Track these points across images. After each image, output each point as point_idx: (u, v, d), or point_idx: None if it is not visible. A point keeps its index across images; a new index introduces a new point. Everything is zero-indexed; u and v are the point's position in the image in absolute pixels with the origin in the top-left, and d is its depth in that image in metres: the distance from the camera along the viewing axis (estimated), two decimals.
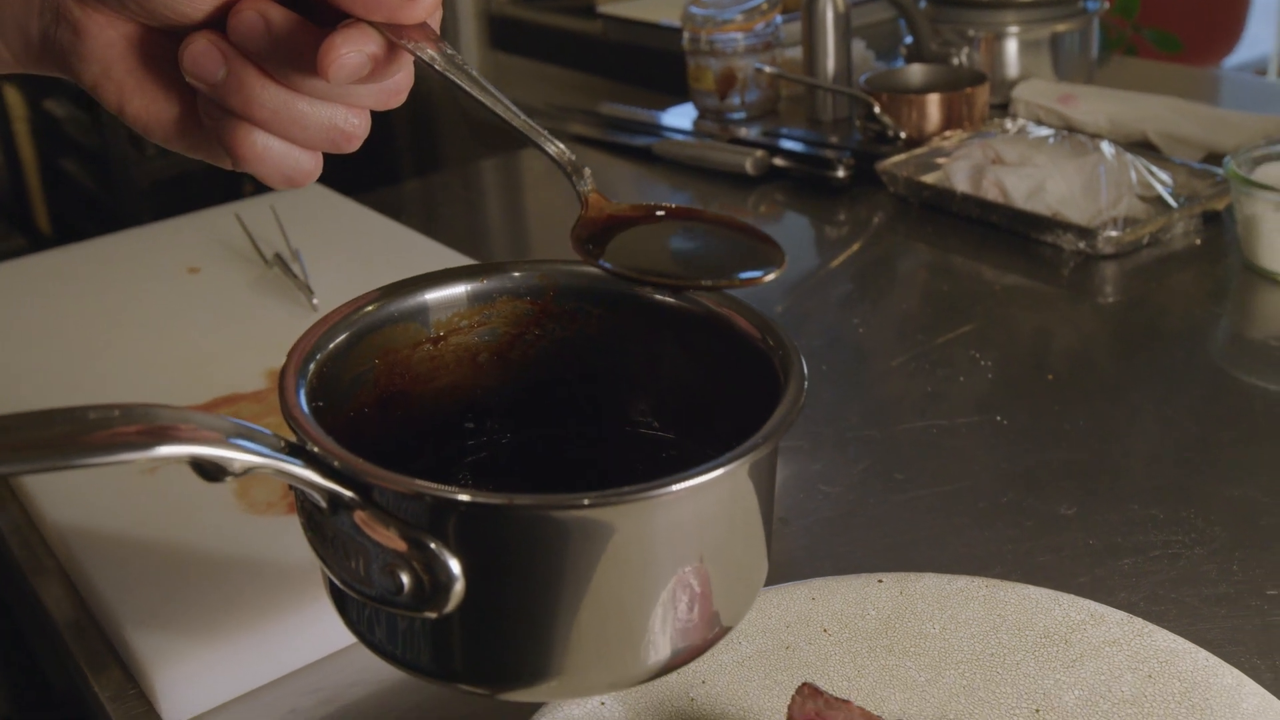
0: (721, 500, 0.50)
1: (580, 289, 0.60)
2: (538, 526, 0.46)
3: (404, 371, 0.59)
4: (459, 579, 0.46)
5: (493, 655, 0.49)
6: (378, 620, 0.50)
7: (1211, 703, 0.59)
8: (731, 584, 0.52)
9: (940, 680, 0.63)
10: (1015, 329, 1.03)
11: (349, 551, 0.48)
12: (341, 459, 0.47)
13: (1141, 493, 0.80)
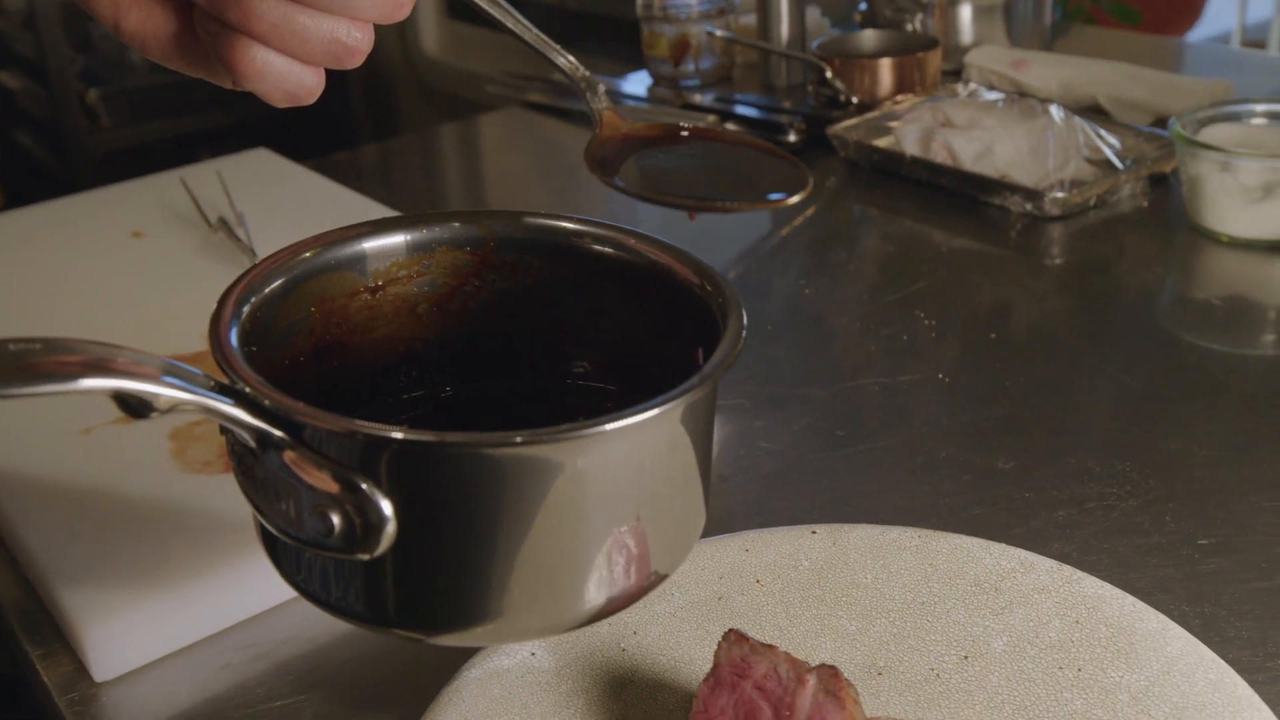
0: (657, 442, 0.49)
1: (521, 240, 0.60)
2: (470, 466, 0.46)
3: (341, 321, 0.58)
4: (390, 520, 0.46)
5: (425, 599, 0.49)
6: (309, 565, 0.50)
7: (1137, 647, 0.59)
8: (668, 530, 0.52)
9: (871, 629, 0.63)
10: (961, 290, 1.03)
11: (279, 493, 0.48)
12: (271, 398, 0.46)
13: (1079, 447, 0.80)
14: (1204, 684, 0.57)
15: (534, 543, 0.47)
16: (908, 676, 0.61)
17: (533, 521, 0.47)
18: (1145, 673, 0.58)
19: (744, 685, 0.55)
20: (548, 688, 0.60)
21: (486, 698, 0.59)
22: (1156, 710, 0.56)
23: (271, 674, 0.67)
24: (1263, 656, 0.62)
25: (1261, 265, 1.03)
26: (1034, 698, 0.59)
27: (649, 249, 0.57)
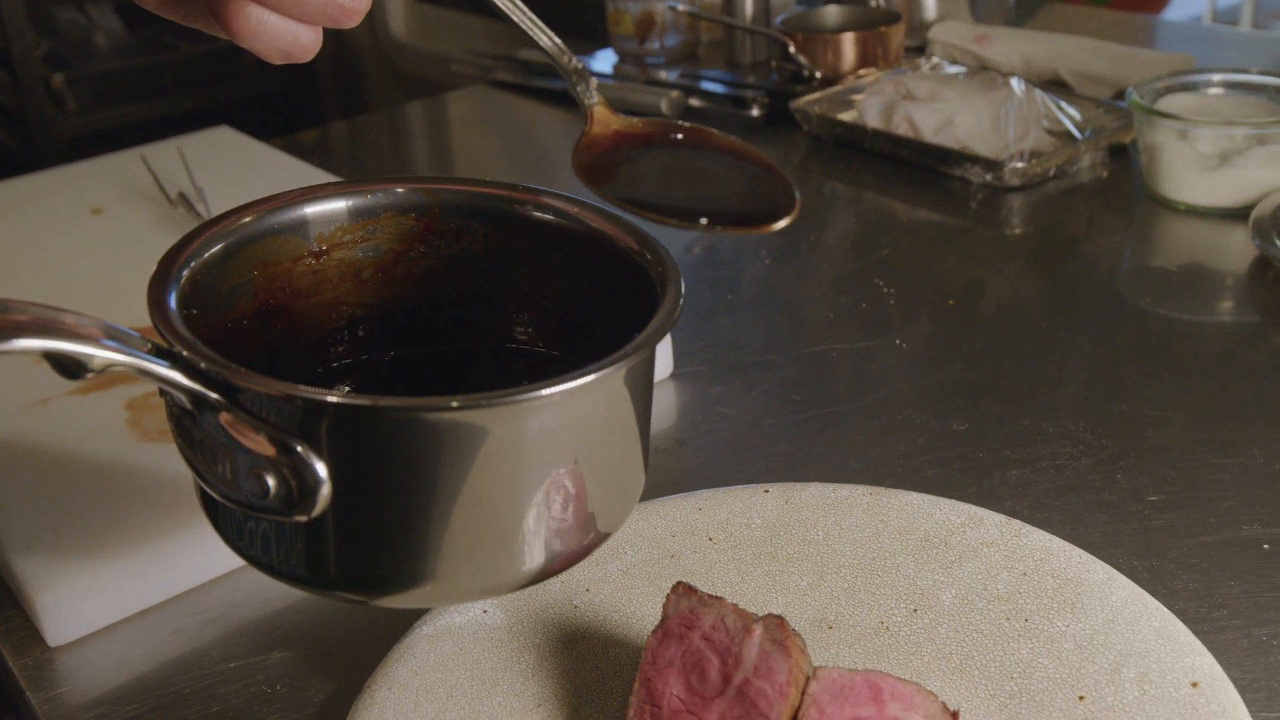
0: (594, 407, 0.49)
1: (465, 206, 0.60)
2: (406, 430, 0.46)
3: (285, 285, 0.58)
4: (325, 482, 0.46)
5: (366, 561, 0.49)
6: (251, 530, 0.50)
7: (1083, 597, 0.60)
8: (607, 492, 0.52)
9: (822, 584, 0.64)
10: (920, 259, 1.04)
11: (216, 455, 0.48)
12: (208, 360, 0.46)
13: (1033, 409, 0.81)
14: (1148, 631, 0.57)
15: (472, 506, 0.47)
16: (857, 630, 0.61)
17: (471, 485, 0.47)
18: (1090, 621, 0.58)
19: (692, 636, 0.55)
20: (500, 644, 0.60)
21: (438, 653, 0.59)
22: (1100, 657, 0.57)
23: (224, 638, 0.66)
24: (1208, 607, 0.63)
25: (1217, 233, 1.03)
26: (981, 648, 0.59)
27: (591, 217, 0.57)
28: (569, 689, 0.59)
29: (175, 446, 0.74)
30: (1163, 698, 0.54)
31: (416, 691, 0.57)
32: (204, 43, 2.52)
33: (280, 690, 0.63)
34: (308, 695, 0.62)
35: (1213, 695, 0.53)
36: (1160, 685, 0.54)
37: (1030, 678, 0.57)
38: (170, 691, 0.63)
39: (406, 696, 0.57)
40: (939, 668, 0.59)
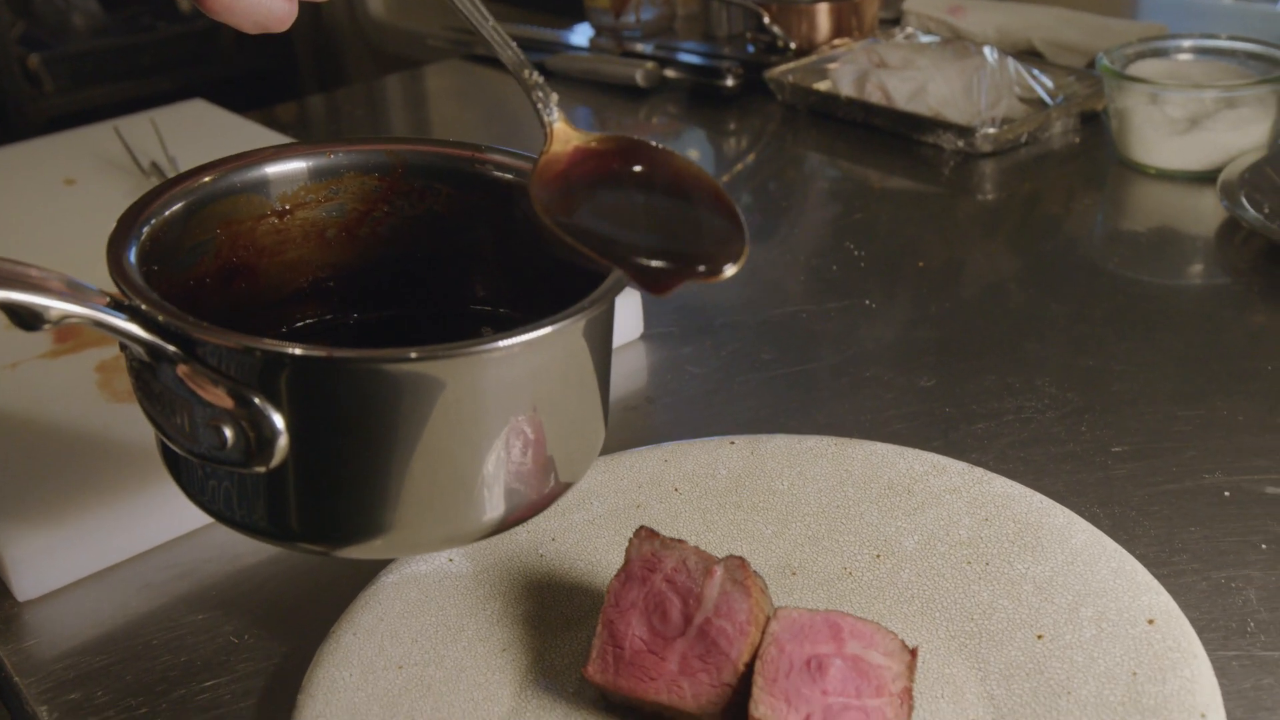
0: (552, 360, 0.50)
1: (429, 167, 0.60)
2: (362, 381, 0.46)
3: (248, 244, 0.58)
4: (283, 434, 0.46)
5: (326, 513, 0.49)
6: (214, 485, 0.50)
7: (1043, 540, 0.60)
8: (567, 443, 0.52)
9: (786, 532, 0.64)
10: (892, 224, 1.04)
11: (174, 408, 0.48)
12: (165, 313, 0.47)
13: (1000, 365, 0.81)
14: (1106, 572, 0.58)
15: (431, 457, 0.48)
16: (821, 575, 0.62)
17: (429, 437, 0.47)
18: (1050, 564, 0.59)
19: (654, 579, 0.55)
20: (465, 591, 0.61)
21: (403, 600, 0.60)
22: (1059, 598, 0.57)
23: (193, 591, 0.67)
24: (1169, 552, 0.64)
25: (1187, 196, 1.04)
26: (942, 591, 0.60)
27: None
28: (534, 634, 0.59)
29: None
30: (1119, 635, 0.55)
31: (381, 636, 0.58)
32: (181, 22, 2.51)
33: (248, 640, 0.63)
34: (275, 645, 0.62)
35: (1168, 631, 0.54)
36: (1117, 623, 0.55)
37: (990, 618, 0.58)
38: (139, 643, 0.63)
39: (371, 641, 0.57)
40: (901, 610, 0.59)
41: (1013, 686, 0.54)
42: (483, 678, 0.57)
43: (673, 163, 0.54)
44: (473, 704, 0.55)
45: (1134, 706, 0.51)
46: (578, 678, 0.57)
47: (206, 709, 0.59)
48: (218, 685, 0.60)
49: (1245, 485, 0.68)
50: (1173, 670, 0.52)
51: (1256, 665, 0.57)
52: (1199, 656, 0.52)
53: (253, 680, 0.60)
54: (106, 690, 0.60)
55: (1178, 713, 0.50)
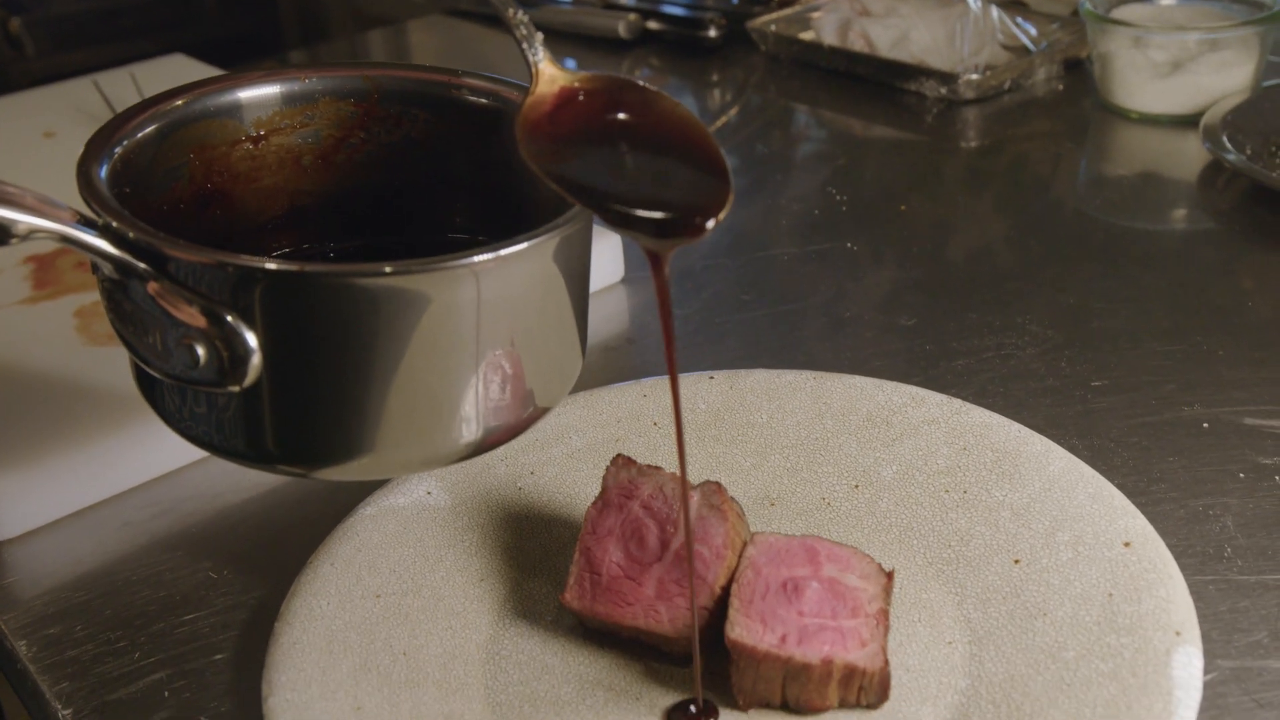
0: (526, 278, 0.49)
1: (406, 92, 0.59)
2: (335, 296, 0.46)
3: (222, 169, 0.58)
4: (256, 352, 0.46)
5: (302, 432, 0.49)
6: (188, 406, 0.50)
7: (1021, 468, 0.60)
8: (542, 366, 0.52)
9: (765, 464, 0.64)
10: (874, 170, 1.04)
11: (146, 327, 0.48)
12: (135, 229, 0.46)
13: (981, 304, 0.81)
14: (1083, 497, 0.58)
15: (406, 375, 0.47)
16: (799, 505, 0.62)
17: (403, 354, 0.47)
18: (1027, 491, 0.59)
19: (631, 505, 0.55)
20: (443, 523, 0.61)
21: (381, 531, 0.60)
22: (1036, 523, 0.57)
23: (172, 529, 0.67)
24: (1147, 481, 0.64)
25: (1170, 140, 1.04)
26: (920, 519, 0.60)
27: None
28: (512, 564, 0.59)
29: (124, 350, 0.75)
30: (1095, 558, 0.55)
31: (359, 567, 0.58)
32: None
33: (227, 575, 0.63)
34: (254, 580, 0.62)
35: (1144, 553, 0.54)
36: (1094, 546, 0.55)
37: (967, 545, 0.58)
38: (118, 580, 0.63)
39: (349, 571, 0.57)
40: (879, 538, 0.59)
41: (989, 610, 0.54)
42: (460, 606, 0.57)
43: (660, 104, 0.53)
44: (450, 632, 0.55)
45: (1109, 626, 0.51)
46: (555, 606, 0.57)
47: (186, 641, 0.59)
48: (197, 619, 0.60)
49: (1224, 417, 0.68)
50: (1148, 590, 0.52)
51: (1233, 589, 0.57)
52: (1174, 577, 0.53)
53: (232, 614, 0.60)
54: (85, 625, 0.60)
55: (1153, 631, 0.50)
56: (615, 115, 0.52)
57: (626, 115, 0.52)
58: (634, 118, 0.52)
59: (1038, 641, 0.52)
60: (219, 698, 0.56)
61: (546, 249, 0.49)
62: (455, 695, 0.52)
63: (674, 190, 0.50)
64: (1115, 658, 0.50)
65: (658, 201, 0.49)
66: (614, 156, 0.53)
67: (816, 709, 0.50)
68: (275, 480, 0.69)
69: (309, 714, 0.50)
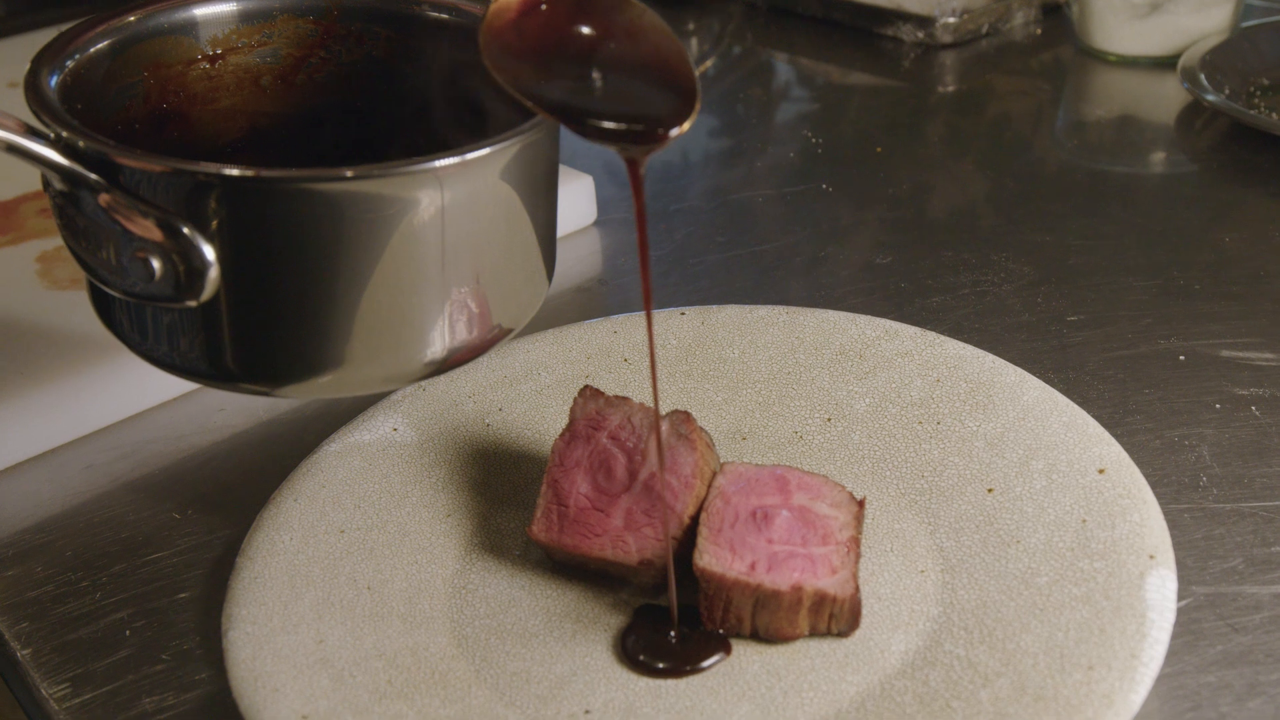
0: (489, 187, 0.48)
1: (366, 9, 0.58)
2: (291, 204, 0.44)
3: (178, 89, 0.56)
4: (213, 265, 0.45)
5: (263, 349, 0.48)
6: (147, 326, 0.49)
7: (995, 398, 0.60)
8: (505, 284, 0.51)
9: (737, 399, 0.63)
10: (851, 114, 1.03)
11: (99, 241, 0.46)
12: (85, 138, 0.45)
13: (957, 242, 0.80)
14: (1057, 426, 0.57)
15: (368, 287, 0.46)
16: (771, 439, 0.61)
17: (365, 265, 0.46)
18: (1001, 421, 0.58)
19: (598, 436, 0.54)
20: (409, 460, 0.60)
21: (346, 467, 0.59)
22: (1010, 453, 0.57)
23: (136, 472, 0.66)
24: (1122, 413, 0.63)
25: (1148, 82, 1.03)
26: (893, 451, 0.59)
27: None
28: (480, 500, 0.58)
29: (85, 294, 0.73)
30: (1069, 485, 0.54)
31: (323, 502, 0.57)
32: None
33: (191, 516, 0.62)
34: (218, 520, 0.61)
35: (1118, 479, 0.53)
36: (1068, 474, 0.55)
37: (940, 475, 0.57)
38: (79, 521, 0.62)
39: (313, 507, 0.56)
40: (851, 470, 0.58)
41: (962, 538, 0.53)
42: (427, 542, 0.56)
43: (626, 10, 0.52)
44: (416, 566, 0.54)
45: (1083, 552, 0.51)
46: (523, 540, 0.56)
47: (148, 581, 0.58)
48: (160, 559, 0.59)
49: (1200, 349, 0.67)
50: (1122, 516, 0.52)
51: (1208, 517, 0.56)
52: (1149, 502, 0.52)
53: (196, 554, 0.59)
54: (45, 566, 0.59)
55: (1126, 555, 0.50)
56: (581, 22, 0.51)
57: (592, 21, 0.51)
58: (600, 24, 0.51)
59: (1010, 568, 0.51)
60: (182, 636, 0.55)
61: (510, 155, 0.47)
62: (420, 628, 0.51)
63: (639, 97, 0.49)
64: (1088, 582, 0.49)
65: (623, 109, 0.48)
66: (580, 64, 0.52)
67: (786, 637, 0.50)
68: (240, 423, 0.68)
69: (270, 647, 0.49)
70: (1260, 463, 0.59)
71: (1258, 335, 0.68)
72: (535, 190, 0.50)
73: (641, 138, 0.46)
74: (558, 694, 0.49)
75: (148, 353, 0.50)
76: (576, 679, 0.49)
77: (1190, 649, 0.50)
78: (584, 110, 0.48)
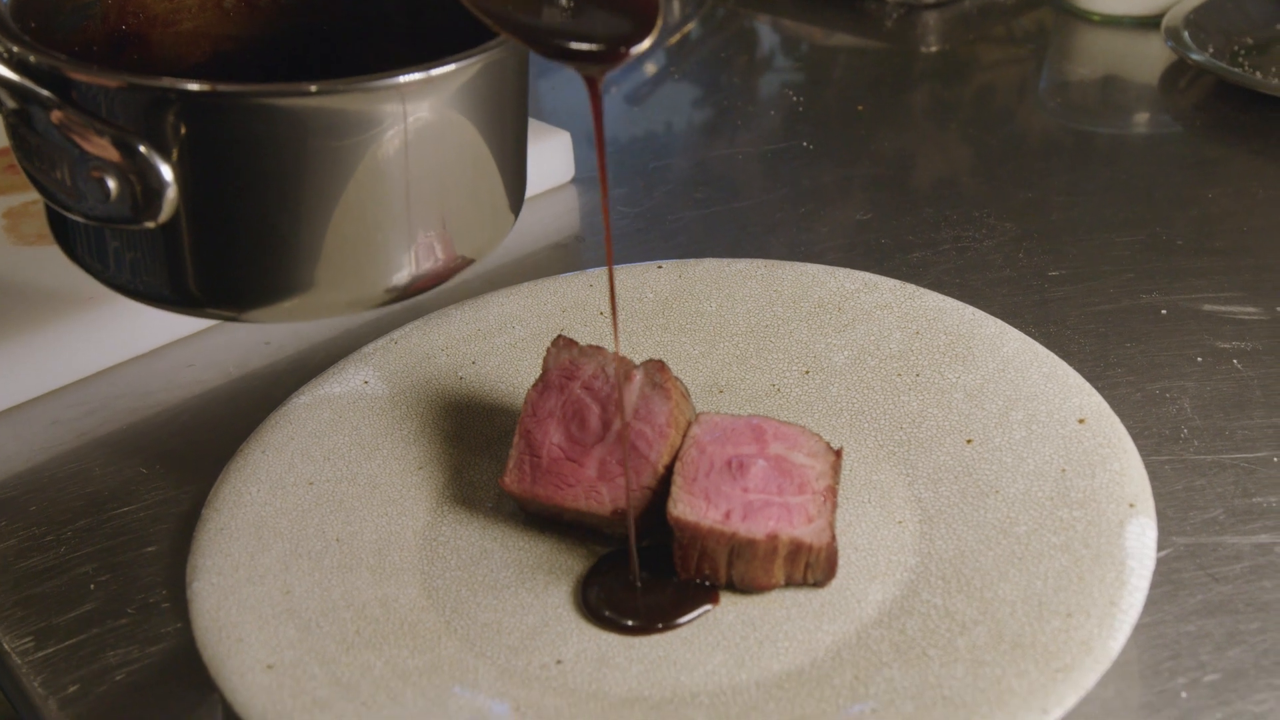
0: (453, 106, 0.46)
1: None
2: (253, 119, 0.43)
3: (138, 10, 0.54)
4: (171, 185, 0.43)
5: (225, 271, 0.46)
6: (108, 249, 0.47)
7: (974, 350, 0.59)
8: (467, 211, 0.49)
9: (714, 352, 0.62)
10: (833, 75, 1.02)
11: (53, 161, 0.45)
12: (36, 52, 0.43)
13: (938, 199, 0.79)
14: (1037, 376, 0.56)
15: (330, 207, 0.45)
16: (748, 392, 0.60)
17: (327, 184, 0.44)
18: (981, 372, 0.58)
19: (572, 386, 0.53)
20: (380, 412, 0.59)
21: (315, 420, 0.58)
22: (990, 404, 0.56)
23: (103, 427, 0.64)
24: (1103, 366, 0.62)
25: (1132, 42, 1.02)
26: (871, 403, 0.58)
27: None
28: (452, 453, 0.57)
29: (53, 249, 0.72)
30: (1049, 435, 0.53)
31: (291, 454, 0.56)
32: None
33: (159, 471, 0.61)
34: (186, 475, 0.60)
35: (1098, 429, 0.53)
36: (1047, 424, 0.54)
37: (919, 427, 0.56)
38: (45, 476, 0.61)
39: (281, 458, 0.55)
40: (830, 423, 0.58)
41: (940, 489, 0.53)
42: (397, 494, 0.55)
43: None
44: (386, 519, 0.54)
45: (1062, 501, 0.50)
46: (496, 493, 0.55)
47: (114, 535, 0.57)
48: (126, 514, 0.58)
49: (1182, 304, 0.67)
50: (1102, 465, 0.51)
51: (1189, 468, 0.55)
52: (1129, 451, 0.51)
53: (163, 509, 0.58)
54: (9, 521, 0.58)
55: (1106, 504, 0.49)
56: None
57: None
58: None
59: (989, 518, 0.50)
60: (148, 589, 0.54)
61: (474, 74, 0.46)
62: (390, 580, 0.50)
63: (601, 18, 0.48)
64: (1067, 531, 0.48)
65: (584, 29, 0.47)
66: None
67: (762, 587, 0.49)
68: (209, 378, 0.67)
69: (235, 598, 0.48)
70: (1242, 415, 0.58)
71: (1241, 290, 0.67)
72: (502, 116, 0.49)
73: (600, 57, 0.45)
74: (529, 644, 0.48)
75: (109, 278, 0.48)
76: (548, 629, 0.48)
77: (1170, 599, 0.49)
78: (545, 29, 0.47)
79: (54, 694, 0.49)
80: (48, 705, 0.49)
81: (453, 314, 0.64)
